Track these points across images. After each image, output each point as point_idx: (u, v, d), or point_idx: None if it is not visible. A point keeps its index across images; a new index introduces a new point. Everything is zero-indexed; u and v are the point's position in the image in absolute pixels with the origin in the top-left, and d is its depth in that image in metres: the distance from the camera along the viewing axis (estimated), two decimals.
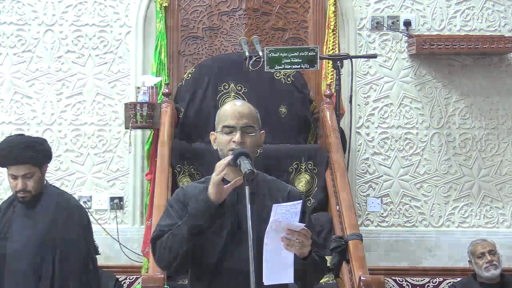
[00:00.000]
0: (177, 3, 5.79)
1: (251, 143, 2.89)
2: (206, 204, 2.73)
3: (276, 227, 2.66)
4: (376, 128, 5.89)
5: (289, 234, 2.68)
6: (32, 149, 3.90)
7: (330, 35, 5.63)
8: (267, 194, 2.92)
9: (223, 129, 2.88)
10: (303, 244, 2.71)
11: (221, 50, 5.82)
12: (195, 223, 2.74)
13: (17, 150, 3.87)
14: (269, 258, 2.67)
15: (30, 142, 3.98)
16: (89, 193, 5.76)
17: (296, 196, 2.91)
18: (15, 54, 5.79)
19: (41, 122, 5.78)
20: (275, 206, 2.65)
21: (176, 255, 2.79)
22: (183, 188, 3.01)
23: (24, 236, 3.87)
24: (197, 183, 3.02)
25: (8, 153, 3.88)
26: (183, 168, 5.08)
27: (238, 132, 2.86)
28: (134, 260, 5.58)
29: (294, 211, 2.66)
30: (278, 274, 2.69)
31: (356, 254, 4.23)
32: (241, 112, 2.90)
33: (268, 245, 2.67)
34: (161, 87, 5.42)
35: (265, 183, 2.96)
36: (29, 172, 3.87)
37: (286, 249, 2.69)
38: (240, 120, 2.88)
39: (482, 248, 5.18)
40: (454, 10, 5.93)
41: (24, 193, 3.89)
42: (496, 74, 5.93)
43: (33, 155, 3.88)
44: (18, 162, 3.86)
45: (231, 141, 2.86)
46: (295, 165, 5.15)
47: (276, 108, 5.44)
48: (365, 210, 5.84)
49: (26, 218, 3.92)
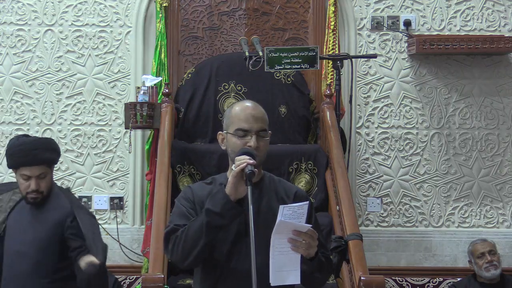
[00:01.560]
0: (177, 3, 5.79)
1: (264, 147, 2.89)
2: (224, 199, 2.71)
3: (282, 228, 2.65)
4: (376, 128, 5.89)
5: (296, 235, 2.68)
6: (48, 150, 3.90)
7: (330, 35, 5.63)
8: (274, 195, 2.92)
9: (236, 131, 2.86)
10: (309, 245, 2.71)
11: (221, 50, 5.82)
12: (212, 219, 2.72)
13: (35, 151, 3.85)
14: (276, 259, 2.67)
15: (45, 143, 3.97)
16: (89, 193, 5.76)
17: (302, 197, 2.91)
18: (15, 54, 5.80)
19: (41, 122, 5.79)
20: (282, 207, 2.64)
21: (191, 249, 2.76)
22: (190, 187, 2.99)
23: (29, 237, 3.86)
24: (204, 183, 3.00)
25: (24, 154, 3.85)
26: (183, 168, 5.08)
27: (253, 137, 2.85)
28: (134, 260, 5.59)
29: (300, 212, 2.66)
30: (285, 275, 2.69)
31: (356, 254, 4.23)
32: (255, 115, 2.88)
33: (274, 246, 2.67)
34: (161, 87, 5.42)
35: (271, 184, 2.95)
36: (43, 173, 3.86)
37: (292, 250, 2.69)
38: (255, 124, 2.86)
39: (482, 248, 5.18)
40: (454, 10, 5.93)
41: (37, 194, 3.86)
42: (496, 74, 5.93)
43: (49, 156, 3.90)
44: (33, 163, 3.84)
45: (246, 145, 2.84)
46: (295, 165, 5.15)
47: (276, 108, 5.44)
48: (365, 210, 5.84)
49: (32, 218, 3.91)
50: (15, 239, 3.90)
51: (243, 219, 2.82)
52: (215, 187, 2.90)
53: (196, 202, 2.88)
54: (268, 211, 2.77)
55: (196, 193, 2.91)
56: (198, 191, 2.92)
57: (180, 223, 2.84)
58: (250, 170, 2.72)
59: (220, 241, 2.83)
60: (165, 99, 5.30)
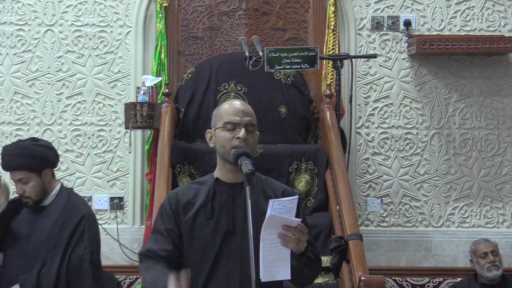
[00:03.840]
0: (177, 3, 5.79)
1: (253, 142, 2.91)
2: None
3: (272, 223, 2.65)
4: (376, 128, 5.89)
5: (285, 230, 2.68)
6: (22, 156, 3.86)
7: (330, 35, 5.63)
8: (261, 194, 2.92)
9: (225, 125, 2.88)
10: (299, 240, 2.71)
11: (221, 50, 5.82)
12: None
13: (9, 157, 3.88)
14: (266, 255, 2.66)
15: (23, 148, 3.91)
16: (89, 193, 5.76)
17: (290, 196, 2.91)
18: (15, 54, 5.80)
19: (41, 122, 5.79)
20: (272, 201, 2.64)
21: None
22: (177, 193, 2.98)
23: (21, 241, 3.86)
24: (192, 184, 3.02)
25: (3, 160, 3.91)
26: (183, 168, 5.08)
27: (242, 129, 2.87)
28: (134, 260, 5.58)
29: (290, 207, 2.66)
30: (275, 270, 2.69)
31: (356, 254, 4.23)
32: (244, 110, 2.91)
33: (264, 241, 2.66)
34: (161, 87, 5.42)
35: (259, 183, 2.96)
36: (24, 178, 3.86)
37: (282, 245, 2.68)
38: (243, 117, 2.89)
39: (485, 248, 5.17)
40: (454, 10, 5.93)
41: (24, 198, 3.89)
42: (496, 74, 5.93)
43: (23, 163, 3.85)
44: (10, 168, 3.88)
45: (235, 137, 2.86)
46: (295, 165, 5.14)
47: (276, 108, 5.44)
48: (365, 210, 5.84)
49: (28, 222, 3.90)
50: (10, 243, 3.89)
51: (231, 218, 2.83)
52: (203, 186, 2.93)
53: (182, 208, 2.91)
54: (256, 210, 2.77)
55: (181, 198, 2.93)
56: (184, 195, 2.94)
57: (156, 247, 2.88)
58: (250, 170, 2.72)
59: (208, 241, 2.85)
60: (165, 99, 5.30)
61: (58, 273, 3.71)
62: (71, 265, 3.74)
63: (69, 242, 3.77)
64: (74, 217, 3.83)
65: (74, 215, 3.83)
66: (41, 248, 3.77)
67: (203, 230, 2.87)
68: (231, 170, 2.88)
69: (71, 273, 3.73)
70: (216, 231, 2.85)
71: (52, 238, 3.77)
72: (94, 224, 3.93)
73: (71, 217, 3.83)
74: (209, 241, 2.85)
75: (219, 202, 2.88)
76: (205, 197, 2.90)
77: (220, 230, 2.85)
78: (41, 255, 3.75)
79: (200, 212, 2.89)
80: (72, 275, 3.73)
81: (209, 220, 2.87)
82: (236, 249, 2.84)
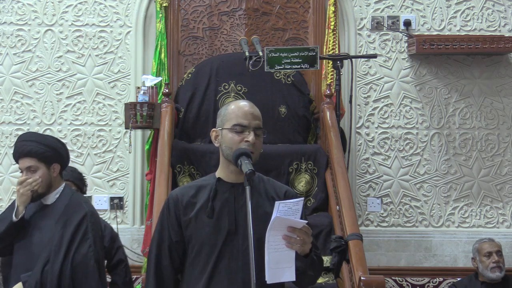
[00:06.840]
0: (177, 3, 5.79)
1: (259, 145, 2.92)
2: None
3: (278, 225, 2.65)
4: (376, 128, 5.89)
5: (290, 231, 2.68)
6: (37, 142, 3.85)
7: (330, 35, 5.63)
8: (263, 194, 2.92)
9: (234, 127, 2.87)
10: (304, 242, 2.71)
11: (221, 50, 5.82)
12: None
13: (23, 143, 3.85)
14: (271, 257, 2.66)
15: (38, 136, 3.95)
16: (89, 193, 5.75)
17: (293, 196, 2.92)
18: (15, 54, 5.80)
19: (41, 122, 5.79)
20: (278, 203, 2.64)
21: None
22: (177, 195, 2.97)
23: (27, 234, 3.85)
24: (192, 184, 3.02)
25: (16, 146, 3.88)
26: (183, 168, 5.08)
27: (251, 132, 2.87)
28: (134, 260, 5.58)
29: (296, 208, 2.66)
30: (280, 272, 2.69)
31: (356, 254, 4.23)
32: (253, 113, 2.91)
33: (270, 243, 2.66)
34: (161, 87, 5.42)
35: (261, 183, 2.96)
36: (33, 166, 3.81)
37: (287, 247, 2.68)
38: (253, 120, 2.89)
39: (490, 247, 5.15)
40: (454, 10, 5.93)
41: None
42: (496, 74, 5.93)
43: (34, 148, 3.82)
44: (21, 155, 3.84)
45: (243, 140, 2.85)
46: (295, 165, 5.14)
47: (276, 108, 5.44)
48: (365, 210, 5.84)
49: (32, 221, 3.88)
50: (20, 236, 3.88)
51: (233, 218, 2.84)
52: (204, 186, 2.93)
53: (183, 208, 2.90)
54: (258, 210, 2.77)
55: (182, 198, 2.93)
56: (184, 195, 2.93)
57: (164, 262, 2.93)
58: (250, 170, 2.72)
59: (209, 241, 2.85)
60: (165, 99, 5.30)
61: (61, 271, 3.70)
62: (76, 263, 3.73)
63: (72, 239, 3.76)
64: (77, 215, 3.81)
65: (77, 213, 3.82)
66: (45, 246, 3.76)
67: (204, 229, 2.87)
68: (234, 170, 2.88)
69: (76, 270, 3.72)
70: (218, 230, 2.85)
71: (55, 236, 3.77)
72: (97, 222, 3.92)
73: (74, 214, 3.82)
74: (211, 240, 2.85)
75: (221, 202, 2.88)
76: (207, 196, 2.90)
77: (222, 230, 2.85)
78: (45, 253, 3.74)
79: (201, 211, 2.89)
80: (77, 273, 3.72)
81: (209, 219, 2.87)
82: (238, 248, 2.84)
